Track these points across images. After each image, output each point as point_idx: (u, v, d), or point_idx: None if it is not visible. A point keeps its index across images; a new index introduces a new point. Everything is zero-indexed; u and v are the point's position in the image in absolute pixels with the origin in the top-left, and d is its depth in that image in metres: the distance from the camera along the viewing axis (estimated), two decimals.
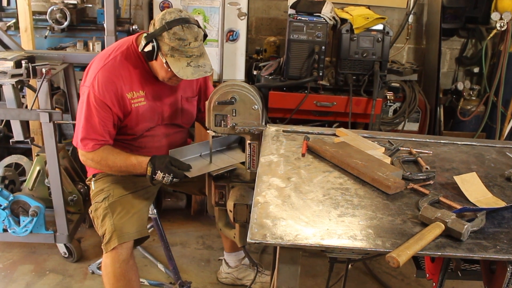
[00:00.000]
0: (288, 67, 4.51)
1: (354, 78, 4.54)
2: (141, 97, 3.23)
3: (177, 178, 3.09)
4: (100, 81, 3.09)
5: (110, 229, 3.14)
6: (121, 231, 3.14)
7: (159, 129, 3.41)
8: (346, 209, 2.17)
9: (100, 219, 3.22)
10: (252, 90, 2.95)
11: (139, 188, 3.41)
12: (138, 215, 3.26)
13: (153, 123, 3.35)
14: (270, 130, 3.07)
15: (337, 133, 3.06)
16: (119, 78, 3.14)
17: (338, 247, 1.93)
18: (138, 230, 3.20)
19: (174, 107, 3.42)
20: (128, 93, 3.17)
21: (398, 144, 2.93)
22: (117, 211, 3.21)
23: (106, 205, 3.25)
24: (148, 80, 3.25)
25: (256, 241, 1.93)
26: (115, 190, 3.33)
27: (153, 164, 3.11)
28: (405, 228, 2.05)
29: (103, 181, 3.40)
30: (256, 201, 2.19)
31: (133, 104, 3.20)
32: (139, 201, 3.35)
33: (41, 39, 5.16)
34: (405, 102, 5.20)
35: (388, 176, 2.38)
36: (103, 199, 3.28)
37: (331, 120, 4.70)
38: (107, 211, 3.22)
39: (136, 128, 3.28)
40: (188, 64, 3.03)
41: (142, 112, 3.25)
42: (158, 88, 3.30)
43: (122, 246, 3.12)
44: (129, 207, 3.26)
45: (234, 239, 3.20)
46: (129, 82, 3.18)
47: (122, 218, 3.19)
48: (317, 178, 2.46)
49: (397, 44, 5.71)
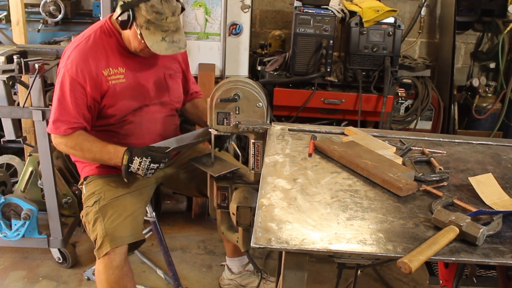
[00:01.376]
0: (294, 63, 4.51)
1: (364, 74, 4.54)
2: (120, 74, 3.25)
3: (155, 162, 3.10)
4: (73, 61, 3.14)
5: (101, 233, 3.14)
6: (113, 235, 3.12)
7: (147, 112, 3.40)
8: (355, 212, 2.18)
9: (91, 223, 3.22)
10: (256, 87, 2.95)
11: (132, 189, 3.40)
12: (131, 218, 3.25)
13: (138, 103, 3.35)
14: (275, 129, 3.08)
15: (346, 132, 3.06)
16: (94, 56, 3.18)
17: (347, 252, 1.93)
18: (132, 234, 3.18)
19: (159, 84, 3.43)
20: (105, 70, 3.20)
21: (410, 143, 2.93)
22: (108, 215, 3.20)
23: (97, 208, 3.24)
24: (126, 56, 3.29)
25: (261, 246, 1.93)
26: (107, 192, 3.32)
27: (130, 151, 3.12)
28: (418, 232, 2.05)
29: (94, 183, 3.40)
30: (260, 204, 2.20)
31: (109, 81, 3.22)
32: (133, 203, 3.33)
33: (34, 32, 5.17)
34: (417, 99, 5.20)
35: (400, 177, 2.38)
36: (94, 203, 3.27)
37: (339, 118, 4.70)
38: (98, 215, 3.21)
39: (116, 107, 3.28)
40: (163, 39, 3.07)
41: (121, 89, 3.26)
42: (138, 65, 3.33)
43: (115, 251, 3.11)
44: (121, 210, 3.24)
45: (237, 244, 3.20)
46: (105, 59, 3.21)
47: (113, 222, 3.18)
48: (324, 179, 2.46)
49: (409, 38, 5.71)
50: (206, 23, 4.64)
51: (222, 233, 3.30)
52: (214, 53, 4.69)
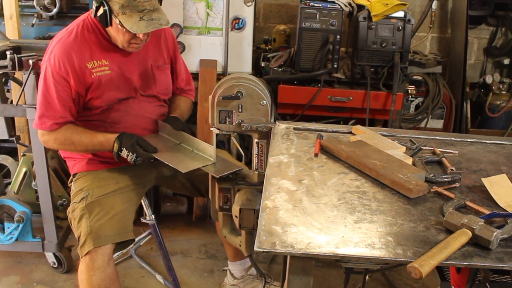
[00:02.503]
0: (300, 59, 4.51)
1: (372, 71, 4.54)
2: (104, 65, 3.33)
3: (139, 158, 3.21)
4: (56, 55, 3.21)
5: (85, 231, 3.15)
6: (97, 234, 3.13)
7: (134, 102, 3.47)
8: (364, 214, 2.18)
9: (77, 220, 3.23)
10: (260, 84, 2.95)
11: (122, 187, 3.41)
12: (119, 216, 3.26)
13: (124, 94, 3.42)
14: (280, 128, 3.08)
15: (353, 131, 3.06)
16: (77, 50, 3.25)
17: (354, 257, 1.93)
18: (118, 233, 3.19)
19: (145, 76, 3.49)
20: (88, 62, 3.28)
21: (420, 143, 2.93)
22: (94, 212, 3.22)
23: (84, 205, 3.25)
24: (111, 49, 3.36)
25: (264, 250, 1.94)
26: (95, 189, 3.34)
27: (120, 140, 3.23)
28: (428, 235, 2.05)
29: (83, 180, 3.42)
30: (264, 206, 2.20)
31: (94, 74, 3.29)
32: (122, 202, 3.34)
33: (28, 27, 5.18)
34: (428, 96, 5.20)
35: (410, 178, 2.38)
36: (81, 199, 3.29)
37: (346, 116, 4.70)
38: (84, 212, 3.23)
39: (102, 98, 3.35)
40: (141, 18, 3.13)
41: (106, 81, 3.32)
42: (124, 57, 3.41)
43: (97, 251, 3.11)
44: (109, 208, 3.26)
45: (240, 248, 3.20)
46: (89, 52, 3.29)
47: (99, 220, 3.19)
48: (331, 180, 2.46)
49: (420, 33, 5.71)
50: (207, 17, 4.64)
51: (224, 237, 3.30)
52: (216, 48, 4.70)
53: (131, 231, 3.29)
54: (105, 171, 3.44)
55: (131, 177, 3.46)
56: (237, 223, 2.95)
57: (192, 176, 3.54)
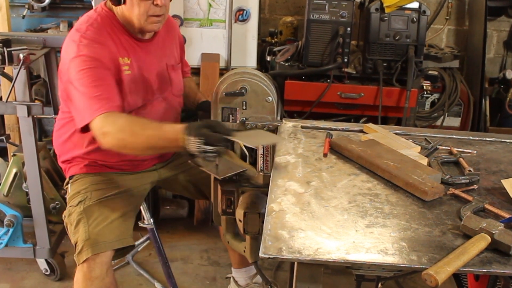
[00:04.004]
0: (308, 52, 4.51)
1: (385, 65, 4.53)
2: (126, 64, 3.21)
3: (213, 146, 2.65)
4: (86, 43, 3.04)
5: (83, 237, 3.11)
6: (96, 240, 3.09)
7: (151, 109, 3.35)
8: (376, 218, 2.18)
9: (74, 225, 3.19)
10: (265, 79, 2.96)
11: (122, 190, 3.39)
12: (119, 221, 3.22)
13: (142, 98, 3.31)
14: (287, 126, 3.09)
15: (365, 130, 3.07)
16: (106, 42, 3.11)
17: (366, 263, 1.94)
18: (118, 239, 3.15)
19: (162, 77, 3.42)
20: (119, 58, 3.15)
21: (436, 142, 2.94)
22: (93, 217, 3.18)
23: (81, 209, 3.21)
24: (132, 46, 3.26)
25: (270, 256, 1.94)
26: (94, 192, 3.30)
27: (189, 129, 2.72)
28: (445, 240, 2.06)
29: (81, 182, 3.38)
30: (270, 209, 2.21)
31: (123, 72, 3.17)
32: (122, 206, 3.31)
33: (19, 19, 5.18)
34: (444, 93, 5.19)
35: (425, 180, 2.38)
36: (79, 203, 3.25)
37: (357, 114, 4.70)
38: (81, 216, 3.19)
39: (125, 102, 3.19)
40: None
41: (127, 82, 3.21)
42: (143, 56, 3.31)
43: (95, 259, 3.08)
44: (108, 213, 3.22)
45: (244, 254, 3.20)
46: (115, 46, 3.16)
47: (98, 225, 3.15)
48: (341, 182, 2.47)
49: (435, 25, 5.70)
50: (209, 9, 4.65)
51: (228, 242, 3.30)
52: (219, 41, 4.70)
53: (131, 236, 3.26)
54: (104, 174, 3.40)
55: (132, 180, 3.44)
56: (241, 227, 2.95)
57: (195, 178, 3.54)
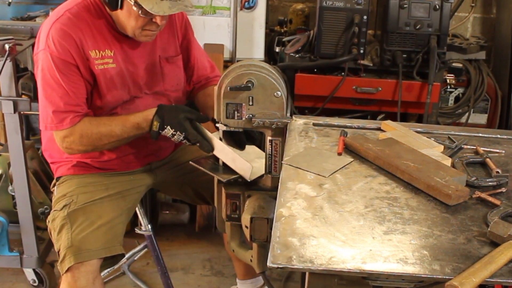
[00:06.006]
0: (320, 43, 4.51)
1: (405, 57, 4.53)
2: (109, 57, 3.21)
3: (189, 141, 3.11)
4: (55, 38, 3.07)
5: (65, 244, 3.10)
6: (79, 248, 3.08)
7: (138, 105, 3.35)
8: (395, 224, 2.19)
9: (57, 231, 3.19)
10: (273, 72, 2.95)
11: (112, 194, 3.38)
12: (107, 227, 3.22)
13: (128, 93, 3.31)
14: (297, 123, 3.09)
15: (383, 127, 3.07)
16: (79, 32, 3.12)
17: (384, 273, 1.94)
18: (104, 247, 3.15)
19: (152, 71, 3.40)
20: (92, 51, 3.16)
21: (460, 141, 2.93)
22: (77, 222, 3.17)
23: (65, 214, 3.21)
24: (116, 38, 3.25)
25: (279, 266, 1.95)
26: (80, 196, 3.29)
27: (161, 118, 3.10)
28: (470, 248, 2.06)
29: (67, 184, 3.38)
30: (279, 214, 2.21)
31: (97, 66, 3.17)
32: (111, 210, 3.30)
33: (4, 6, 5.19)
34: (469, 87, 5.19)
35: (448, 182, 2.38)
36: (63, 207, 3.24)
37: (375, 110, 4.71)
38: (65, 222, 3.18)
39: (105, 98, 3.23)
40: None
41: (111, 76, 3.22)
42: (130, 48, 3.30)
43: (79, 268, 3.07)
44: (95, 218, 3.21)
45: (250, 263, 3.21)
46: (91, 38, 3.16)
47: (83, 231, 3.14)
48: (357, 184, 2.47)
49: (460, 13, 5.69)
50: None
51: (233, 251, 3.31)
52: (223, 31, 4.71)
53: (120, 244, 3.25)
54: (94, 175, 3.40)
55: (124, 182, 3.44)
56: (248, 234, 2.95)
57: (195, 181, 3.54)
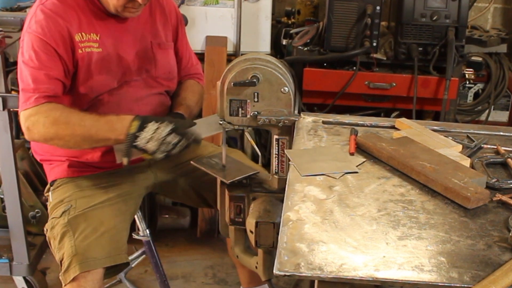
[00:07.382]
0: (330, 35, 4.51)
1: (421, 50, 4.53)
2: (94, 41, 3.22)
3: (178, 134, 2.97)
4: (39, 20, 3.10)
5: (69, 252, 3.09)
6: (85, 256, 3.08)
7: (127, 91, 3.36)
8: (410, 229, 2.18)
9: (58, 239, 3.17)
10: (280, 67, 2.96)
11: (112, 197, 3.37)
12: (110, 234, 3.21)
13: (116, 79, 3.31)
14: (305, 121, 3.09)
15: (397, 125, 3.07)
16: (63, 16, 3.14)
17: (398, 281, 1.94)
18: (109, 256, 3.15)
19: (144, 56, 3.41)
20: (76, 34, 3.17)
21: (480, 140, 2.93)
22: (80, 229, 3.16)
23: (66, 221, 3.20)
24: (102, 20, 3.27)
25: (286, 273, 1.95)
26: (79, 200, 3.29)
27: (141, 117, 3.02)
28: (490, 255, 2.05)
29: (64, 189, 3.38)
30: (286, 218, 2.21)
31: (82, 49, 3.18)
32: (113, 216, 3.30)
33: None
34: (490, 82, 5.18)
35: (467, 184, 2.38)
36: (62, 213, 3.23)
37: (388, 107, 4.70)
38: (66, 229, 3.17)
39: (89, 83, 3.23)
40: None
41: (95, 60, 3.22)
42: (117, 31, 3.32)
43: (85, 276, 3.06)
44: (97, 224, 3.21)
45: (256, 270, 3.21)
46: (77, 21, 3.18)
47: (86, 238, 3.14)
48: (369, 186, 2.47)
49: (479, 4, 5.68)
50: None
51: (237, 257, 3.31)
52: (226, 22, 4.71)
53: (125, 252, 3.26)
54: (91, 178, 3.39)
55: (123, 184, 3.43)
56: (253, 239, 2.95)
57: (197, 182, 3.54)
